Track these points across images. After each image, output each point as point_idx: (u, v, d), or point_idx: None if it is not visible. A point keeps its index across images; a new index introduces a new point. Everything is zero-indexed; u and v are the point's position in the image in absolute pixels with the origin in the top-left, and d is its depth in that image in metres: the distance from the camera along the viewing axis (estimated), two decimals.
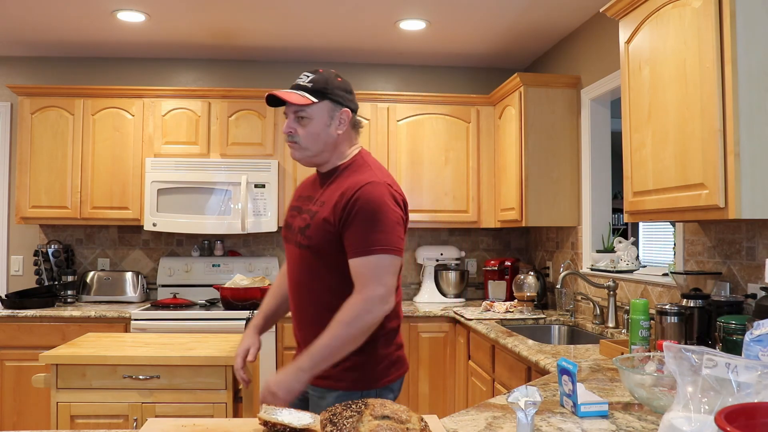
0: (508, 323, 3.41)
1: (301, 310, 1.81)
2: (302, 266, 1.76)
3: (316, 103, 1.73)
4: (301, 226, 1.76)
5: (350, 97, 1.81)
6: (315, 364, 1.61)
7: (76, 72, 4.36)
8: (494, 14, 3.57)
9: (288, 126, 1.76)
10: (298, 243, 1.76)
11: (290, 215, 1.87)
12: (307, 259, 1.74)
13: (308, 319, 1.78)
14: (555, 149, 3.70)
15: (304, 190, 1.90)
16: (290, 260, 1.82)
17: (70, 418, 2.36)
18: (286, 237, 1.85)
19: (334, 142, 1.78)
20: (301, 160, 1.80)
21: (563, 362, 1.53)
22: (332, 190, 1.74)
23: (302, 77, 1.78)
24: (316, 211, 1.74)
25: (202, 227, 3.91)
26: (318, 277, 1.74)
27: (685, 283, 2.39)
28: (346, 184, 1.72)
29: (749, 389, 1.04)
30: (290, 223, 1.84)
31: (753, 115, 1.83)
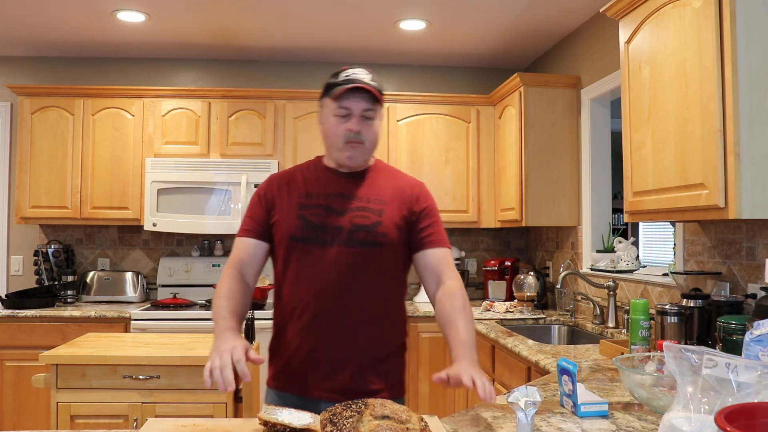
0: (508, 323, 3.41)
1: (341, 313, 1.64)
2: (356, 266, 1.64)
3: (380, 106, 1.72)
4: (363, 224, 1.65)
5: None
6: (475, 357, 1.54)
7: (76, 72, 4.36)
8: (494, 14, 3.57)
9: (357, 125, 1.65)
10: (360, 241, 1.64)
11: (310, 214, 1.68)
12: (368, 257, 1.65)
13: (352, 321, 1.65)
14: (555, 149, 3.70)
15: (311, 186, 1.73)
16: (326, 264, 1.64)
17: (70, 418, 2.36)
18: (313, 238, 1.66)
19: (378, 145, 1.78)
20: (360, 164, 1.73)
21: (563, 362, 1.53)
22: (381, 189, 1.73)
23: (360, 73, 1.68)
24: (380, 209, 1.69)
25: (202, 227, 3.91)
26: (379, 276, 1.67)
27: (685, 283, 2.39)
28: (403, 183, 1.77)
29: (749, 389, 1.04)
30: (318, 223, 1.66)
31: (753, 115, 1.83)
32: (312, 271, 1.65)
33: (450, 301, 1.64)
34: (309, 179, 1.76)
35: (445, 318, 1.63)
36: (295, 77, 4.49)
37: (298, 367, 1.66)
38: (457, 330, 1.58)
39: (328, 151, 1.75)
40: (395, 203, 1.71)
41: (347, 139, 1.66)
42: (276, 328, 1.75)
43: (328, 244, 1.65)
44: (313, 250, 1.65)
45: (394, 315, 1.73)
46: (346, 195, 1.71)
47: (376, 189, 1.73)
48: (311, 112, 4.05)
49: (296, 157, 4.05)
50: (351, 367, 1.64)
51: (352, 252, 1.64)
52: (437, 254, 1.70)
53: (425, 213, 1.73)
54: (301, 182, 1.75)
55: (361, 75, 1.67)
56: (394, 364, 1.72)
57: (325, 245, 1.65)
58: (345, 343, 1.64)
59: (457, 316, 1.60)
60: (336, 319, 1.64)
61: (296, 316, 1.67)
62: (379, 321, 1.67)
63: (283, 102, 4.08)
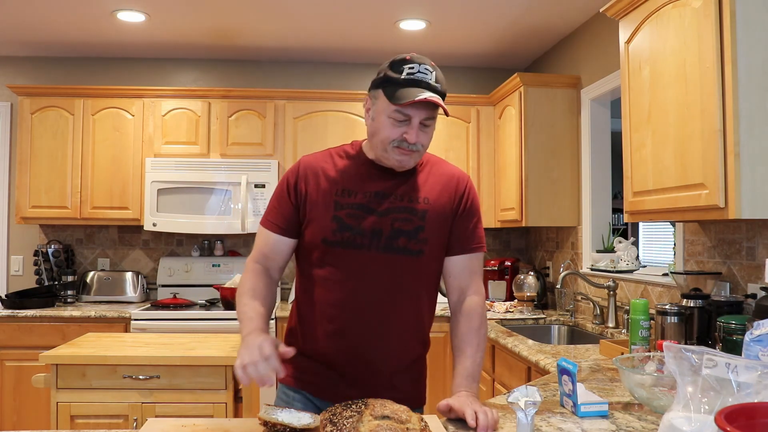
0: (508, 323, 3.40)
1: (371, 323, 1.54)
2: (393, 275, 1.52)
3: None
4: (404, 229, 1.52)
5: None
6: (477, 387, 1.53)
7: (76, 72, 4.36)
8: (494, 14, 3.57)
9: (417, 135, 1.49)
10: (399, 248, 1.52)
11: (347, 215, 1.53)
12: (407, 265, 1.53)
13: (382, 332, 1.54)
14: (555, 149, 3.70)
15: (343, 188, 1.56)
16: (360, 271, 1.52)
17: (70, 418, 2.36)
18: (349, 242, 1.52)
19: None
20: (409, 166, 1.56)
21: (563, 362, 1.53)
22: (426, 185, 1.58)
23: (426, 73, 1.49)
24: (425, 210, 1.55)
25: (202, 227, 3.91)
26: (415, 285, 1.55)
27: (685, 283, 2.39)
28: (446, 175, 1.62)
29: (749, 389, 1.04)
30: (356, 226, 1.52)
31: (753, 115, 1.83)
32: (346, 275, 1.53)
33: (466, 322, 1.57)
34: (347, 172, 1.58)
35: (456, 339, 1.58)
36: (295, 77, 4.49)
37: (323, 371, 1.57)
38: (464, 358, 1.54)
39: (373, 145, 1.56)
40: (441, 203, 1.58)
41: (401, 146, 1.50)
42: (301, 325, 1.63)
43: (365, 248, 1.52)
44: (348, 254, 1.52)
45: (423, 324, 1.62)
46: (387, 193, 1.56)
47: (421, 186, 1.58)
48: (311, 112, 4.06)
49: (296, 157, 4.04)
50: (374, 376, 1.56)
51: (390, 258, 1.52)
52: (467, 262, 1.61)
53: (467, 212, 1.61)
54: (337, 175, 1.57)
55: (428, 76, 1.48)
56: (416, 373, 1.65)
57: (362, 249, 1.52)
58: (371, 352, 1.55)
59: (469, 341, 1.55)
60: (365, 328, 1.53)
61: (326, 319, 1.55)
62: (409, 331, 1.59)
63: (283, 102, 4.08)
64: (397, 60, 1.51)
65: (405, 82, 1.47)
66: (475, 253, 1.61)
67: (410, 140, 1.49)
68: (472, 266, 1.61)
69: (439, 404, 1.42)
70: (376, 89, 1.53)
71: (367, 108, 1.57)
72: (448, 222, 1.58)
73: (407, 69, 1.48)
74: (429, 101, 1.44)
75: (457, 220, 1.59)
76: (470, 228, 1.61)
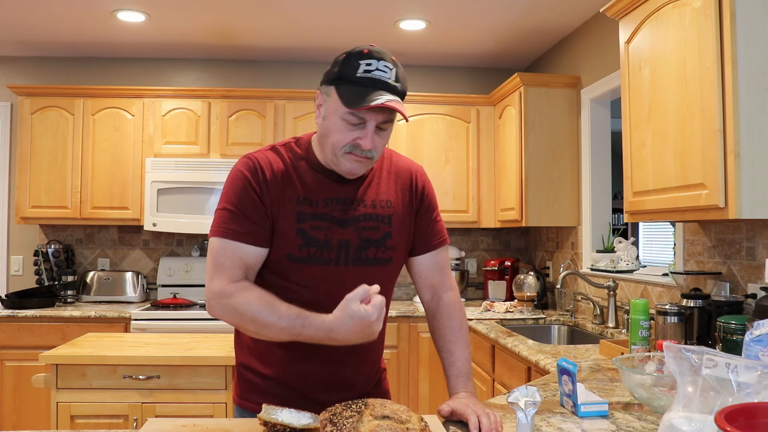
0: (508, 323, 3.40)
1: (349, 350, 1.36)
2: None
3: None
4: (372, 238, 1.41)
5: None
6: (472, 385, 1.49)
7: (76, 72, 4.36)
8: (494, 14, 3.57)
9: (372, 140, 1.34)
10: (369, 260, 1.41)
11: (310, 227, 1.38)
12: (376, 275, 1.39)
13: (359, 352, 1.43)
14: (555, 149, 3.70)
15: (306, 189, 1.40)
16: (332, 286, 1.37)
17: (70, 418, 2.36)
18: (315, 257, 1.38)
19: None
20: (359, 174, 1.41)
21: (563, 362, 1.53)
22: (384, 185, 1.46)
23: (385, 71, 1.33)
24: (389, 215, 1.44)
25: (202, 227, 3.91)
26: (385, 293, 1.34)
27: (685, 283, 2.39)
28: (401, 171, 1.50)
29: (749, 389, 1.04)
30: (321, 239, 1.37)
31: (753, 115, 1.83)
32: (311, 293, 1.38)
33: (447, 321, 1.51)
34: (303, 177, 1.41)
35: (441, 340, 1.51)
36: (295, 77, 4.49)
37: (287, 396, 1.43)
38: (454, 358, 1.47)
39: (322, 147, 1.40)
40: (402, 202, 1.47)
41: (353, 152, 1.34)
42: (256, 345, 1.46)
43: (332, 263, 1.39)
44: (314, 269, 1.38)
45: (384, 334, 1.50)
46: (348, 199, 1.42)
47: (381, 187, 1.46)
48: (311, 112, 4.05)
49: None
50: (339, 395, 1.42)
51: (359, 271, 1.40)
52: (434, 258, 1.53)
53: (425, 208, 1.51)
54: (294, 180, 1.40)
55: (387, 75, 1.32)
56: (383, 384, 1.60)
57: (329, 264, 1.38)
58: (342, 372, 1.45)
59: (455, 340, 1.49)
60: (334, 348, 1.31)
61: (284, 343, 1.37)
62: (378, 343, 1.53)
63: (283, 102, 4.08)
64: (353, 53, 1.35)
65: (361, 81, 1.32)
66: (440, 248, 1.54)
67: (364, 147, 1.33)
68: (439, 262, 1.54)
69: (441, 408, 1.39)
70: (329, 85, 1.36)
71: (318, 104, 1.40)
72: (410, 222, 1.49)
73: (364, 65, 1.32)
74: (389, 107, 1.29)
75: (418, 218, 1.50)
76: (431, 224, 1.52)
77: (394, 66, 1.35)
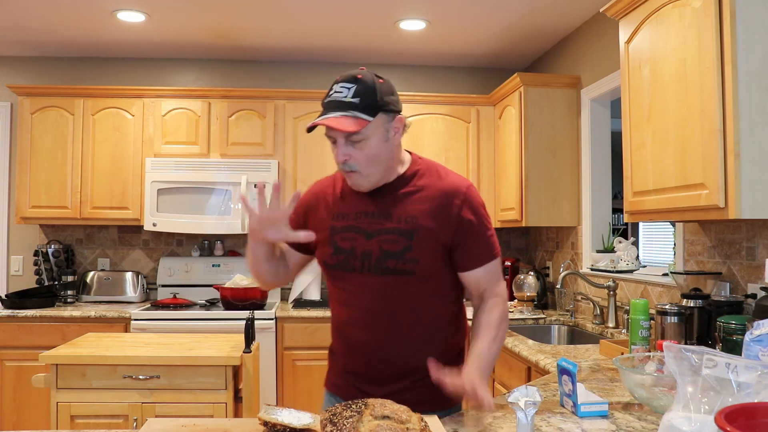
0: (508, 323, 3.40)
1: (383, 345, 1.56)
2: (389, 295, 1.53)
3: (370, 122, 1.46)
4: (392, 251, 1.51)
5: (397, 98, 1.56)
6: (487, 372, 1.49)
7: (76, 72, 4.36)
8: (494, 14, 3.57)
9: (342, 154, 1.48)
10: (389, 269, 1.52)
11: (341, 238, 1.57)
12: (400, 285, 1.52)
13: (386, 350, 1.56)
14: (555, 149, 3.70)
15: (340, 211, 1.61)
16: (361, 292, 1.56)
17: (70, 418, 2.36)
18: (344, 265, 1.57)
19: (394, 157, 1.56)
20: (366, 188, 1.55)
21: (563, 362, 1.53)
22: (416, 202, 1.55)
23: (341, 90, 1.47)
24: (411, 230, 1.52)
25: (202, 227, 3.91)
26: (420, 302, 1.54)
27: (685, 283, 2.39)
28: (439, 192, 1.56)
29: (749, 389, 1.04)
30: (348, 248, 1.56)
31: (753, 115, 1.83)
32: (347, 296, 1.59)
33: (487, 317, 1.57)
34: (342, 195, 1.63)
35: (474, 329, 1.58)
36: (295, 77, 4.49)
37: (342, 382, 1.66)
38: (477, 342, 1.53)
39: None
40: (433, 220, 1.53)
41: (342, 169, 1.53)
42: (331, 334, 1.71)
43: (358, 270, 1.55)
44: (346, 276, 1.57)
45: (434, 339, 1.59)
46: (375, 213, 1.56)
47: (409, 203, 1.55)
48: (311, 112, 4.05)
49: (296, 157, 4.05)
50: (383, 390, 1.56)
51: (383, 281, 1.53)
52: (480, 274, 1.58)
53: (464, 230, 1.55)
54: (334, 199, 1.63)
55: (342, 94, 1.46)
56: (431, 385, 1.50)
57: (355, 271, 1.55)
58: (378, 367, 1.58)
59: (488, 328, 1.54)
60: (371, 345, 1.56)
61: (338, 334, 1.66)
62: (416, 347, 1.56)
63: (283, 102, 4.08)
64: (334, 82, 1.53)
65: (323, 106, 1.51)
66: (484, 265, 1.58)
67: (338, 160, 1.50)
68: (487, 276, 1.59)
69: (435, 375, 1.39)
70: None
71: None
72: (441, 240, 1.54)
73: (331, 90, 1.50)
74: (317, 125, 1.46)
75: (457, 239, 1.54)
76: (474, 244, 1.56)
77: (356, 83, 1.47)
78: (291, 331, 3.68)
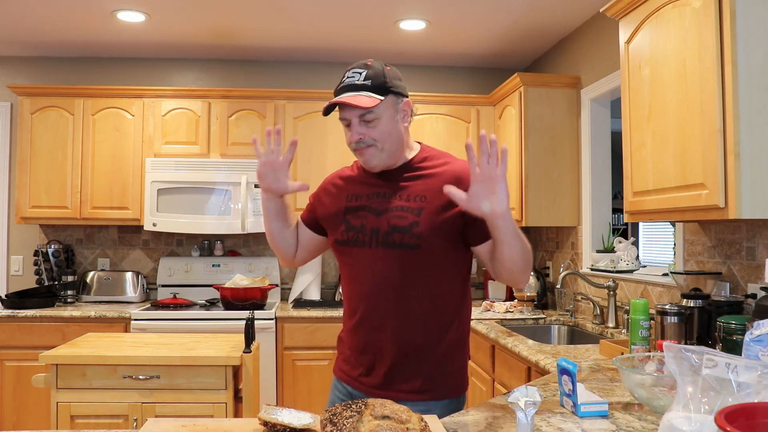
0: (508, 323, 3.40)
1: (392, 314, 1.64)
2: (399, 269, 1.62)
3: (382, 101, 1.60)
4: (399, 225, 1.61)
5: (404, 85, 1.70)
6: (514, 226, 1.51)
7: (76, 72, 4.36)
8: (494, 14, 3.57)
9: (357, 133, 1.62)
10: (395, 243, 1.61)
11: (352, 216, 1.69)
12: (410, 260, 1.61)
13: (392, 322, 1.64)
14: (555, 149, 3.70)
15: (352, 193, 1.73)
16: (367, 266, 1.65)
17: (70, 418, 2.36)
18: (354, 240, 1.67)
19: (403, 139, 1.68)
20: (378, 165, 1.66)
21: (563, 362, 1.53)
22: (425, 183, 1.65)
23: (354, 75, 1.63)
24: (420, 208, 1.61)
25: (202, 227, 3.91)
26: (425, 277, 1.62)
27: (685, 283, 2.39)
28: (448, 174, 1.63)
29: (749, 389, 1.04)
30: (359, 225, 1.67)
31: (753, 115, 1.83)
32: (357, 272, 1.68)
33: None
34: (356, 179, 1.76)
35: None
36: (295, 77, 4.49)
37: (351, 362, 1.73)
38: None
39: None
40: (439, 199, 1.60)
41: (357, 148, 1.65)
42: (343, 320, 1.80)
43: (368, 245, 1.65)
44: (356, 251, 1.67)
45: (439, 316, 1.65)
46: (386, 194, 1.68)
47: (418, 184, 1.66)
48: (311, 112, 4.06)
49: (296, 157, 4.05)
50: (385, 365, 1.64)
51: (390, 254, 1.62)
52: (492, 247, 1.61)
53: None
54: (348, 184, 1.76)
55: (354, 78, 1.62)
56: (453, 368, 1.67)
57: (365, 246, 1.65)
58: (382, 342, 1.65)
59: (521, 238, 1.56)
60: (377, 320, 1.65)
61: (349, 313, 1.73)
62: (421, 322, 1.63)
63: (283, 102, 4.08)
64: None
65: (336, 92, 1.65)
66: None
67: (352, 140, 1.63)
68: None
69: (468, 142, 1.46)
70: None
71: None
72: (449, 218, 1.60)
73: (344, 76, 1.65)
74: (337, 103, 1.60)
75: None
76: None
77: (366, 69, 1.63)
78: (291, 331, 3.68)
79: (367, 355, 1.68)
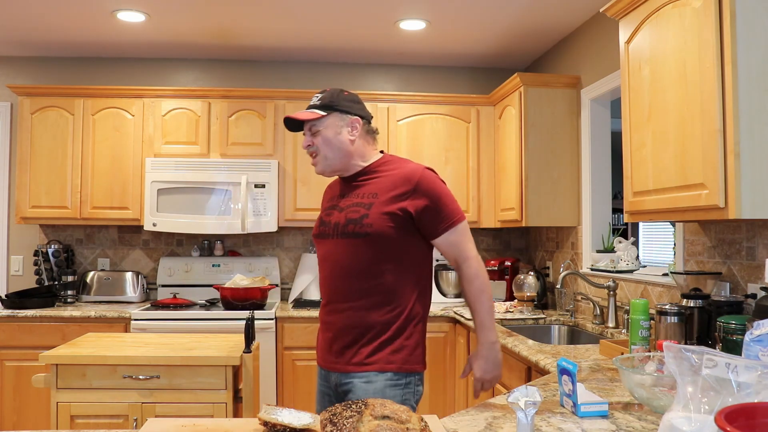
0: (508, 323, 3.40)
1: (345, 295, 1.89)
2: (351, 255, 1.86)
3: (325, 116, 1.92)
4: (353, 218, 1.87)
5: (358, 106, 1.98)
6: (494, 330, 1.91)
7: (76, 72, 4.36)
8: (494, 14, 3.57)
9: (306, 141, 1.96)
10: (349, 233, 1.86)
11: (325, 214, 2.01)
12: (360, 247, 1.85)
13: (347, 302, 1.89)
14: (555, 149, 3.70)
15: (331, 196, 2.05)
16: (330, 254, 1.92)
17: (70, 418, 2.36)
18: (323, 233, 1.96)
19: (349, 149, 1.94)
20: (324, 171, 1.97)
21: (563, 362, 1.53)
22: (377, 184, 1.91)
23: (313, 99, 1.98)
24: (371, 203, 1.88)
25: (202, 227, 3.91)
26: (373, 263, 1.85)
27: (685, 283, 2.39)
28: (397, 175, 1.89)
29: (749, 389, 1.04)
30: (327, 221, 1.96)
31: (753, 115, 1.83)
32: (324, 260, 1.96)
33: (468, 287, 1.91)
34: (334, 186, 2.08)
35: (467, 301, 1.93)
36: (295, 77, 4.49)
37: (321, 345, 1.98)
38: (475, 315, 1.92)
39: None
40: (387, 195, 1.87)
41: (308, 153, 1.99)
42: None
43: (330, 236, 1.93)
44: (322, 242, 1.97)
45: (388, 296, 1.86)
46: (347, 195, 1.97)
47: (371, 184, 1.93)
48: None
49: (296, 157, 4.05)
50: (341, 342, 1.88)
51: (344, 242, 1.88)
52: (446, 239, 1.89)
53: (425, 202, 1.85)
54: (329, 190, 2.09)
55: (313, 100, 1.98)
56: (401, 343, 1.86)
57: (328, 237, 1.93)
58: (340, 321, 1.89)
59: (474, 301, 1.91)
60: (336, 301, 1.91)
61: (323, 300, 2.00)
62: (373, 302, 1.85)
63: (283, 102, 4.08)
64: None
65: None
66: (446, 232, 1.87)
67: (303, 146, 1.98)
68: (451, 241, 1.89)
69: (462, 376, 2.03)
70: None
71: None
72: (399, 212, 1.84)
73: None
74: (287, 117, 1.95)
75: (419, 213, 1.85)
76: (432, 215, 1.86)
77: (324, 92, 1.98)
78: (291, 331, 3.68)
79: (328, 332, 1.93)
